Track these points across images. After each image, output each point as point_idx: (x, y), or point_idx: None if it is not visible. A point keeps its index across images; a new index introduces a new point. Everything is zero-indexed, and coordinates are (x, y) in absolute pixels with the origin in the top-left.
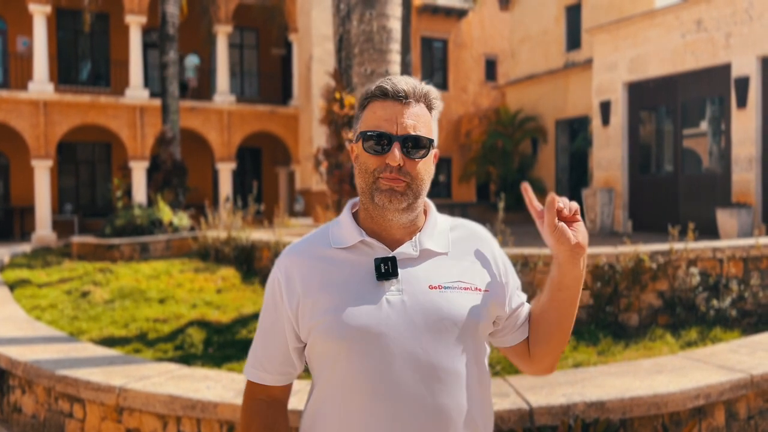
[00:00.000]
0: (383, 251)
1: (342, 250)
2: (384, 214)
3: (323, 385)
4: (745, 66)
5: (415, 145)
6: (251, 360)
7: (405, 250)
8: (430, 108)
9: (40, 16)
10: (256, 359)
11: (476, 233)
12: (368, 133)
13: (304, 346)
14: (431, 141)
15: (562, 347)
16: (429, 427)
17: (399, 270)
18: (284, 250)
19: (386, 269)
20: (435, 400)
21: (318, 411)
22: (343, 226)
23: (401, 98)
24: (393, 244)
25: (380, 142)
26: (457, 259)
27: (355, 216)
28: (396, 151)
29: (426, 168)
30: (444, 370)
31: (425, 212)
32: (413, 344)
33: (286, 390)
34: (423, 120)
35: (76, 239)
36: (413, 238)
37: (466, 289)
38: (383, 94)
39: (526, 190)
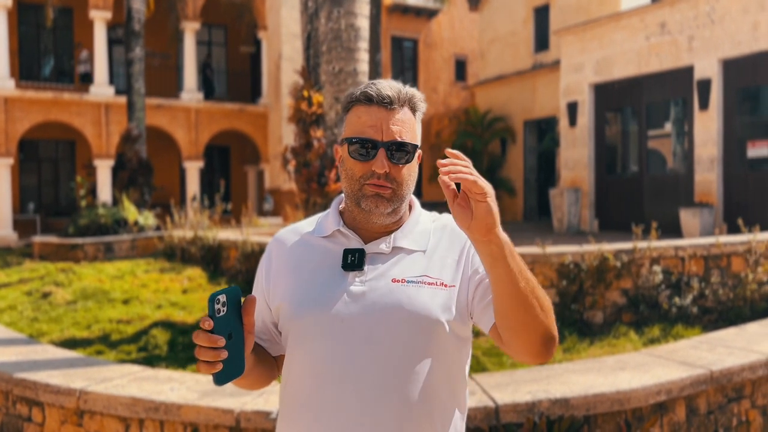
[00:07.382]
0: (357, 243)
1: (321, 238)
2: (369, 218)
3: (286, 362)
4: (707, 68)
5: (400, 150)
6: None
7: (377, 246)
8: (413, 111)
9: (1, 11)
10: None
11: (452, 226)
12: (353, 139)
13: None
14: (416, 146)
15: (527, 329)
16: (375, 414)
17: (367, 264)
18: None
19: (352, 260)
20: (386, 389)
21: (283, 386)
22: (328, 217)
23: (386, 104)
24: (369, 239)
25: (365, 147)
26: (430, 254)
27: (343, 210)
28: (382, 159)
29: (410, 172)
30: (398, 361)
31: (410, 208)
32: (368, 334)
33: (278, 359)
34: (408, 125)
35: (38, 239)
36: (390, 235)
37: (430, 284)
38: (368, 100)
39: (451, 156)
